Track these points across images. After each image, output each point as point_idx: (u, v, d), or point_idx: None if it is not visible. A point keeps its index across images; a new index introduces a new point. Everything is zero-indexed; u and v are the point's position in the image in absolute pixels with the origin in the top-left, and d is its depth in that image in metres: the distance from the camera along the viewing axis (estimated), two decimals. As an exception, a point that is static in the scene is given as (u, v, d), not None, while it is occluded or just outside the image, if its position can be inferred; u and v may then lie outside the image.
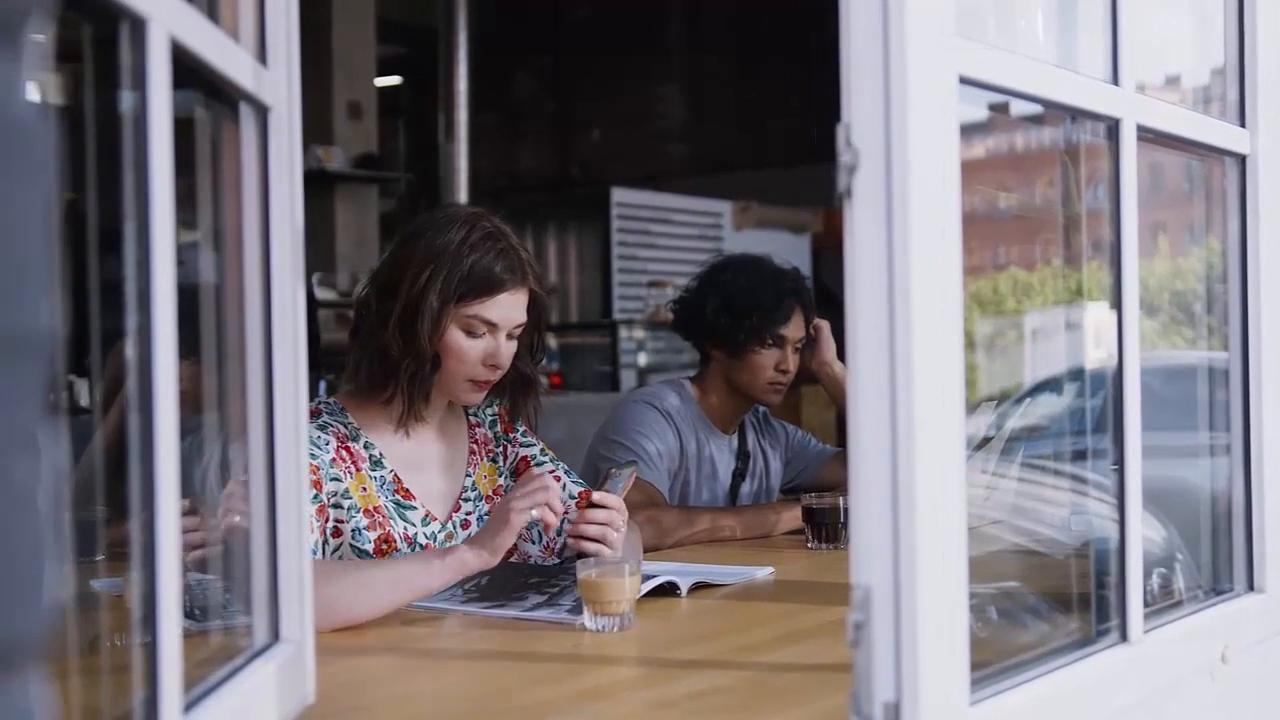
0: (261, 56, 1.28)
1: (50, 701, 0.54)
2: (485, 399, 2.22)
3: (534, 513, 1.88)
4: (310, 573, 1.35)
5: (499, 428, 2.30)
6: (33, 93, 0.54)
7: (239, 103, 1.25)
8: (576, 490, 2.28)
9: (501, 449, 2.29)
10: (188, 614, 1.06)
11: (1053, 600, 1.61)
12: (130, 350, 0.96)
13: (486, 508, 2.21)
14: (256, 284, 1.29)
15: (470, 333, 2.07)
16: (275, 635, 1.31)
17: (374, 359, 2.08)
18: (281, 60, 1.31)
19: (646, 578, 1.93)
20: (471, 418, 2.28)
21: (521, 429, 2.32)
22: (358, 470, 2.08)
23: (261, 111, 1.28)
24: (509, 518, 1.88)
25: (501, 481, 2.26)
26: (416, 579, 1.87)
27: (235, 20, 1.25)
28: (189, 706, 1.04)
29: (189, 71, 1.06)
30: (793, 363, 2.89)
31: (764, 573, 2.25)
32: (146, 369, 0.96)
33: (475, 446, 2.25)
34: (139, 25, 0.95)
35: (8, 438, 0.50)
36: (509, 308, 2.08)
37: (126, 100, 0.97)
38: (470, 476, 2.22)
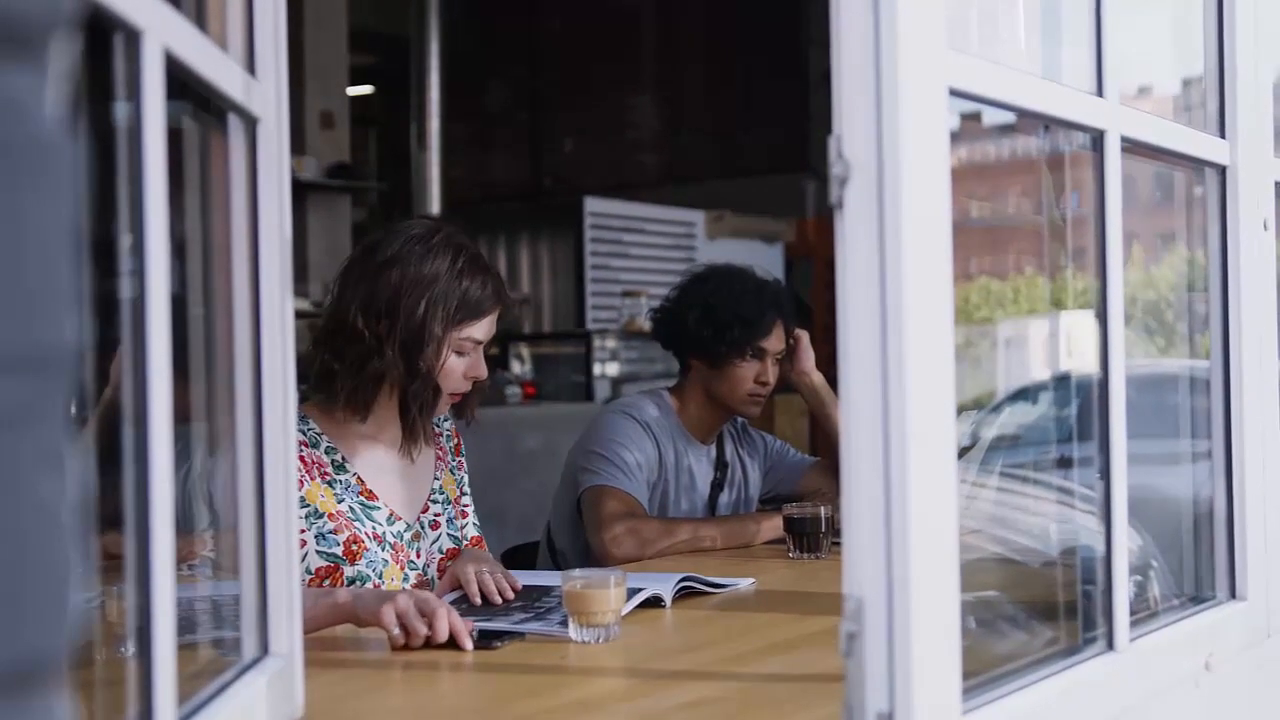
0: (250, 68, 1.28)
1: (74, 717, 0.54)
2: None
3: (395, 632, 1.72)
4: (299, 587, 1.35)
5: (450, 445, 2.38)
6: (55, 109, 0.53)
7: (228, 114, 1.25)
8: (473, 533, 2.35)
9: (455, 464, 2.37)
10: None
11: (1038, 609, 1.62)
12: (123, 362, 0.96)
13: (453, 511, 2.30)
14: (245, 295, 1.28)
15: (460, 352, 2.17)
16: (264, 649, 1.30)
17: (369, 382, 2.11)
18: (270, 71, 1.31)
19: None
20: (433, 426, 2.33)
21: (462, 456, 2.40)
22: (320, 475, 2.12)
23: (250, 123, 1.28)
24: (382, 615, 1.73)
25: (458, 491, 2.35)
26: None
27: (224, 31, 1.25)
28: (182, 722, 1.03)
29: (179, 82, 1.05)
30: (772, 375, 2.89)
31: (746, 584, 2.25)
32: (141, 380, 0.95)
33: (440, 453, 2.33)
34: (133, 37, 0.94)
35: (36, 455, 0.49)
36: (491, 325, 2.21)
37: (120, 110, 0.96)
38: (438, 480, 2.30)
